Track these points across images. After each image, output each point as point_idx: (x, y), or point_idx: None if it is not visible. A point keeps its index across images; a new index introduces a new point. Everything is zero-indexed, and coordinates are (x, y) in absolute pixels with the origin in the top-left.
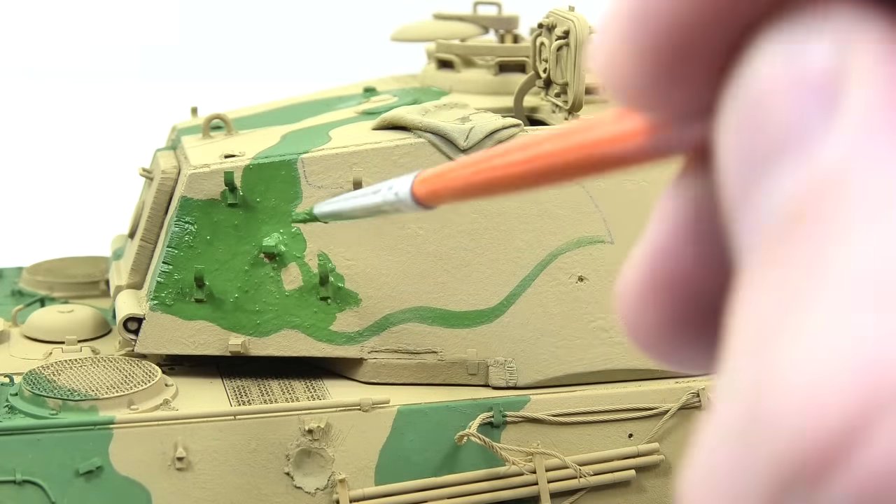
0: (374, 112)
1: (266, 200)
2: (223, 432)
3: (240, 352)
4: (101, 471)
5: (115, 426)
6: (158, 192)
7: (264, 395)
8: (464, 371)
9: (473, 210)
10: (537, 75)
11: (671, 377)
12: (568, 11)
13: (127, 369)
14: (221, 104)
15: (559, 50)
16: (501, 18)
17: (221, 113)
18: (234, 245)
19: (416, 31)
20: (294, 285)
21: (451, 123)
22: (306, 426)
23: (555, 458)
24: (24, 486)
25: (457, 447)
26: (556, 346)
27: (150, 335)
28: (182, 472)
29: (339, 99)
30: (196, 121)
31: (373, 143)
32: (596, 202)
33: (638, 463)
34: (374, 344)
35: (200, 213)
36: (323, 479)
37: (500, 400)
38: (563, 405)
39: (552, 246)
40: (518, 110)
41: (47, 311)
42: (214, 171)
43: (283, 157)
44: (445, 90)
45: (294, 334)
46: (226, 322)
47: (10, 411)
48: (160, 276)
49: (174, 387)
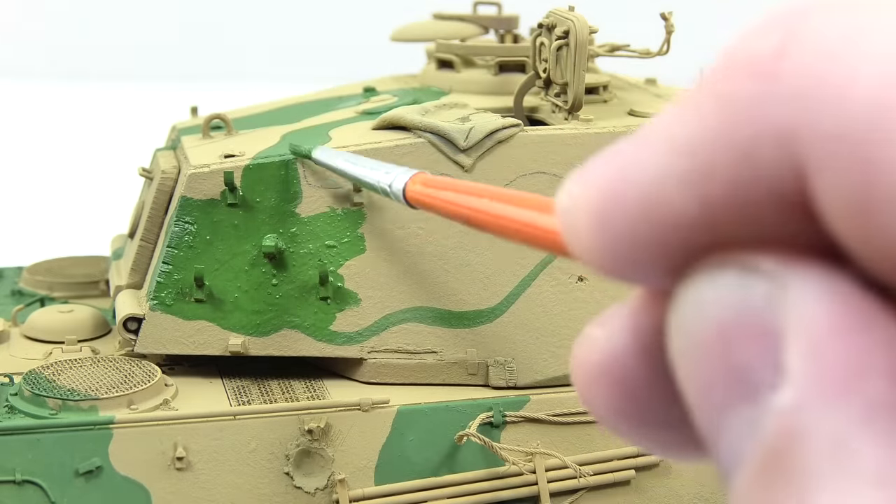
0: (374, 112)
1: (266, 200)
2: (223, 432)
3: (240, 352)
4: (101, 471)
5: (114, 426)
6: (158, 192)
7: (264, 395)
8: (463, 371)
9: None
10: (537, 75)
11: None
12: (568, 11)
13: (127, 369)
14: (221, 104)
15: (559, 50)
16: (501, 18)
17: (221, 113)
18: (234, 245)
19: (416, 31)
20: (294, 285)
21: (450, 123)
22: (306, 426)
23: (555, 458)
24: (24, 486)
25: (457, 447)
26: (556, 346)
27: (149, 335)
28: (182, 472)
29: (339, 99)
30: (196, 121)
31: (373, 143)
32: None
33: (638, 463)
34: (374, 344)
35: (200, 213)
36: (323, 479)
37: (500, 400)
38: (563, 405)
39: None
40: (518, 110)
41: (47, 311)
42: (214, 171)
43: (283, 157)
44: (445, 90)
45: (294, 334)
46: (226, 322)
47: (9, 411)
48: (160, 276)
49: (174, 387)
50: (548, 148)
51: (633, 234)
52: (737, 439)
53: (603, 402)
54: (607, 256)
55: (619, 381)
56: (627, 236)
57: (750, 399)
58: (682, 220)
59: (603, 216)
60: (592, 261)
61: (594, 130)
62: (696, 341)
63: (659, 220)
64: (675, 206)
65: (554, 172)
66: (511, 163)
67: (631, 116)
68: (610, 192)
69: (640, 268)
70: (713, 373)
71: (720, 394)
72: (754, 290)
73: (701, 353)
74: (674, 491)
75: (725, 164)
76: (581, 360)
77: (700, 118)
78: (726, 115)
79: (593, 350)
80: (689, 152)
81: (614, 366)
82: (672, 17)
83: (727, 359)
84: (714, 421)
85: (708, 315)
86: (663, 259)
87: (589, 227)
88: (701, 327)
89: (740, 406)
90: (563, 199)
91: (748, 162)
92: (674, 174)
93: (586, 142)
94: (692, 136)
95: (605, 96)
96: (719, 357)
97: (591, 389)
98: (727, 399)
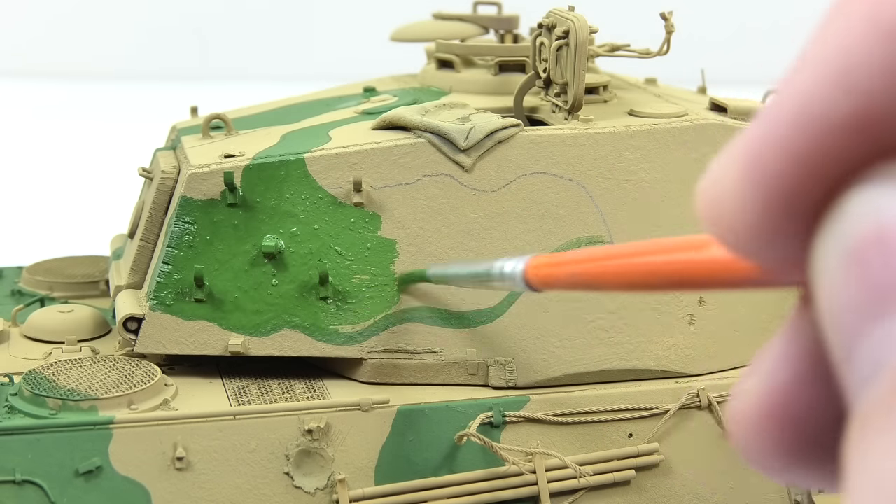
0: (374, 112)
1: (266, 200)
2: (223, 432)
3: (240, 352)
4: (101, 471)
5: (114, 426)
6: (158, 192)
7: (264, 395)
8: (464, 371)
9: (473, 210)
10: (537, 75)
11: (671, 377)
12: (568, 11)
13: (127, 369)
14: (221, 104)
15: (559, 50)
16: (501, 18)
17: (221, 113)
18: (234, 245)
19: (416, 31)
20: (294, 285)
21: (450, 123)
22: (306, 426)
23: (555, 458)
24: (24, 486)
25: (457, 447)
26: (556, 346)
27: (149, 335)
28: (182, 472)
29: (339, 99)
30: (196, 121)
31: (373, 143)
32: (596, 202)
33: (638, 463)
34: (373, 344)
35: (200, 213)
36: (323, 479)
37: (500, 400)
38: (563, 405)
39: (552, 246)
40: (518, 110)
41: (47, 311)
42: (214, 171)
43: (282, 157)
44: (445, 90)
45: (294, 334)
46: (226, 322)
47: (9, 411)
48: (160, 276)
49: (174, 387)
50: (548, 148)
51: (788, 155)
52: (878, 354)
53: (773, 448)
54: (758, 209)
55: (788, 418)
56: (781, 163)
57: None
58: (838, 120)
59: (753, 158)
60: (742, 228)
61: (594, 130)
62: (851, 252)
63: (814, 125)
64: (829, 106)
65: (554, 172)
66: (511, 163)
67: (631, 116)
68: (759, 130)
69: (794, 210)
70: (864, 284)
71: (868, 306)
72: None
73: (854, 265)
74: (674, 491)
75: (874, 49)
76: (740, 412)
77: (843, 22)
78: (869, 6)
79: (751, 398)
80: (836, 51)
81: (779, 404)
82: (672, 17)
83: (883, 270)
84: (855, 335)
85: (868, 226)
86: (821, 182)
87: (739, 177)
88: (859, 237)
89: (888, 319)
90: (706, 179)
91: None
92: (826, 76)
93: (586, 142)
94: (837, 38)
95: (605, 96)
96: (874, 268)
97: (759, 439)
98: (875, 311)
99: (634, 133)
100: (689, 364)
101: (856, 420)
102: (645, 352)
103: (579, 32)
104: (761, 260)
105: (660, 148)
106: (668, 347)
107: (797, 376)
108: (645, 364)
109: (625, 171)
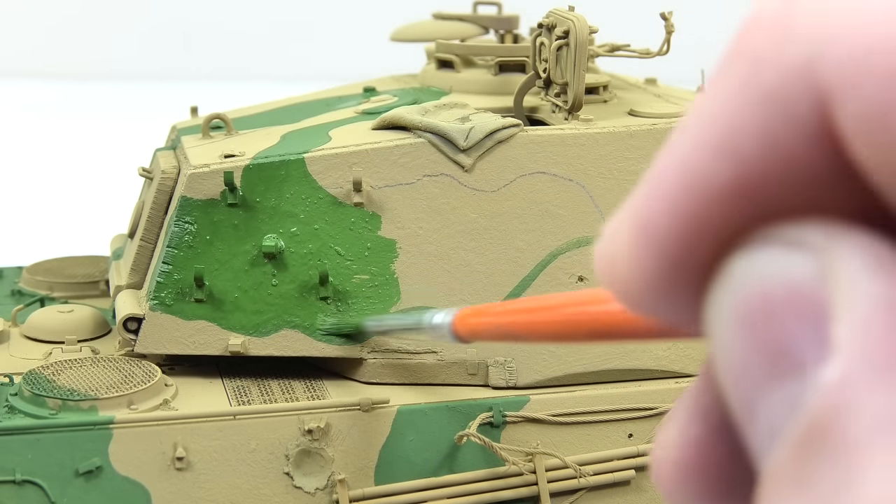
0: (374, 112)
1: (266, 200)
2: (223, 432)
3: (240, 352)
4: (101, 471)
5: (114, 426)
6: (158, 192)
7: (264, 395)
8: (463, 371)
9: (473, 210)
10: (537, 75)
11: (671, 377)
12: (568, 11)
13: (127, 369)
14: (221, 104)
15: (559, 50)
16: (501, 18)
17: (221, 113)
18: (234, 245)
19: (416, 31)
20: (294, 285)
21: (450, 123)
22: (306, 426)
23: (555, 458)
24: (24, 486)
25: (457, 447)
26: (555, 345)
27: (149, 335)
28: (182, 472)
29: (339, 99)
30: (196, 121)
31: (372, 143)
32: (596, 202)
33: (638, 463)
34: (373, 344)
35: (200, 213)
36: (323, 479)
37: (500, 400)
38: (563, 405)
39: (552, 246)
40: (518, 110)
41: (47, 311)
42: (214, 171)
43: (282, 157)
44: (445, 90)
45: (294, 334)
46: (226, 322)
47: (9, 411)
48: (160, 276)
49: (174, 387)
50: (548, 148)
51: (676, 217)
52: (776, 415)
53: (695, 496)
54: (650, 268)
55: (706, 470)
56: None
57: (792, 375)
58: (719, 186)
59: (643, 219)
60: (635, 287)
61: (594, 130)
62: (738, 317)
63: (698, 190)
64: (711, 171)
65: (554, 172)
66: (511, 163)
67: (631, 116)
68: (647, 194)
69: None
70: (755, 348)
71: (761, 369)
72: (800, 265)
73: (743, 329)
74: None
75: (752, 114)
76: (661, 461)
77: (725, 85)
78: (748, 70)
79: (669, 449)
80: (717, 116)
81: (694, 456)
82: (672, 17)
83: (770, 334)
84: (752, 398)
85: (752, 290)
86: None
87: (630, 238)
88: (744, 302)
89: (781, 382)
90: (601, 239)
91: (774, 106)
92: (707, 141)
93: (586, 142)
94: (719, 103)
95: (605, 96)
96: (762, 332)
97: (681, 488)
98: (768, 375)
99: (634, 133)
100: (689, 364)
101: (763, 482)
102: (645, 351)
103: (579, 32)
104: (658, 316)
105: (660, 148)
106: (668, 347)
107: (709, 430)
108: (645, 364)
109: (625, 171)
